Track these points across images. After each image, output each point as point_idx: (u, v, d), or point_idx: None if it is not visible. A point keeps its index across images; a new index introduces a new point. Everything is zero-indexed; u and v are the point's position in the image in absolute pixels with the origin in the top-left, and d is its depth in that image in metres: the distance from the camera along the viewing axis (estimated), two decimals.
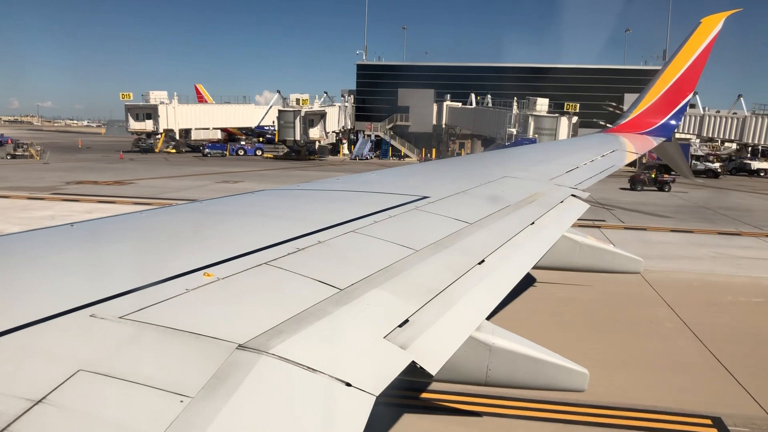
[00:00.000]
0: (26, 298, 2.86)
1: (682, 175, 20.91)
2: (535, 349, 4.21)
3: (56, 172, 52.98)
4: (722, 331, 15.09)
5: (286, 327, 2.82)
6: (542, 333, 14.05)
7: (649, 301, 17.49)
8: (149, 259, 3.60)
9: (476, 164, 12.77)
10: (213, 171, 57.03)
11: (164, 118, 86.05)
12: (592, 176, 10.39)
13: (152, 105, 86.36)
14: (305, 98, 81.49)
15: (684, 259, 23.16)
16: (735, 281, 20.17)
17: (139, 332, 2.57)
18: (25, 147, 71.96)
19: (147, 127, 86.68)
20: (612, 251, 8.56)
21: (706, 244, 26.06)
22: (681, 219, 32.45)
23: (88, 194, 37.79)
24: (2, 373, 2.19)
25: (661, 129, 17.22)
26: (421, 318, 3.43)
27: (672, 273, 20.63)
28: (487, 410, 10.49)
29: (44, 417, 1.96)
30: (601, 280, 17.58)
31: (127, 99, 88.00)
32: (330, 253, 4.08)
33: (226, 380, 2.31)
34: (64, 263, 3.50)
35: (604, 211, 33.00)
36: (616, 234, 27.14)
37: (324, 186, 7.17)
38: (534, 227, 6.20)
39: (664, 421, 10.35)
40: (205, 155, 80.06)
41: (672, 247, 25.32)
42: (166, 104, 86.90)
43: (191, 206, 5.59)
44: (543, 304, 16.36)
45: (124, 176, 49.96)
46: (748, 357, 13.29)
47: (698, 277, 20.54)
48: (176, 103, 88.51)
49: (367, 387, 2.56)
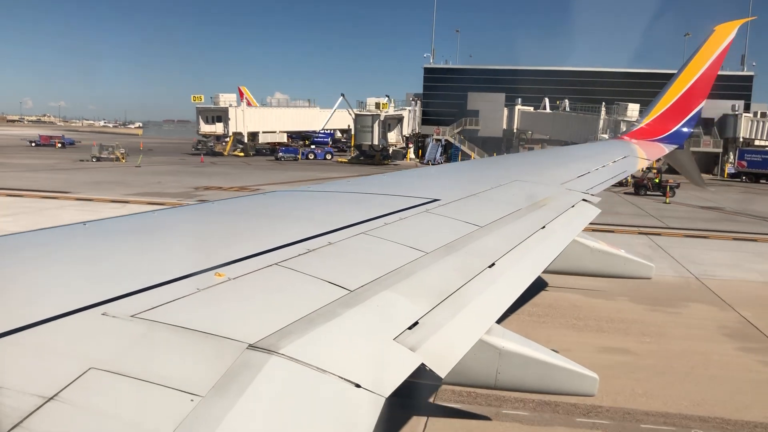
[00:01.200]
0: (39, 296, 2.88)
1: (694, 183, 20.70)
2: (545, 353, 4.19)
3: (164, 176, 52.21)
4: None
5: (296, 327, 2.83)
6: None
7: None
8: (161, 259, 3.61)
9: (488, 168, 12.75)
10: (310, 177, 54.41)
11: (234, 121, 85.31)
12: (604, 181, 10.34)
13: (223, 108, 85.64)
14: (384, 102, 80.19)
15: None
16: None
17: (151, 331, 2.58)
18: (111, 150, 70.39)
19: (217, 130, 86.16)
20: (624, 257, 8.51)
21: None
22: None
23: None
24: (15, 369, 2.21)
25: (673, 136, 17.12)
26: (431, 320, 3.42)
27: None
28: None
29: (56, 414, 1.98)
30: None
31: (198, 101, 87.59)
32: (340, 255, 4.08)
33: (236, 379, 2.32)
34: (76, 262, 3.53)
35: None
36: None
37: (335, 188, 7.17)
38: (545, 231, 6.18)
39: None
40: (278, 159, 79.26)
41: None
42: (235, 107, 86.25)
43: (203, 206, 5.62)
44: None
45: (239, 182, 48.55)
46: None
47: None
48: (244, 105, 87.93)
49: (377, 388, 2.56)
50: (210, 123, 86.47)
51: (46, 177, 49.21)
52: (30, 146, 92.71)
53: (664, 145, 16.96)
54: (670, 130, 17.19)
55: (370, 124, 78.65)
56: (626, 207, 40.34)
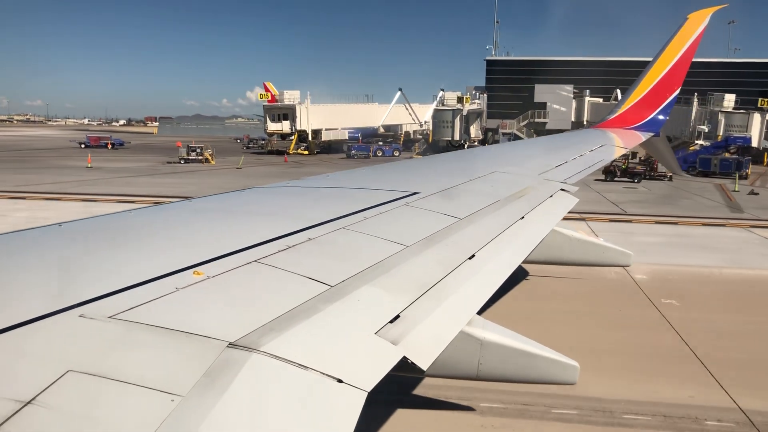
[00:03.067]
0: (14, 299, 2.84)
1: (671, 170, 20.99)
2: (526, 343, 4.22)
3: (277, 179, 49.01)
4: None
5: (277, 324, 2.82)
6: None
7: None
8: (138, 258, 3.58)
9: (466, 160, 12.79)
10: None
11: (300, 119, 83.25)
12: (581, 170, 10.43)
13: (290, 105, 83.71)
14: (467, 96, 78.06)
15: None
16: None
17: (129, 332, 2.55)
18: (199, 150, 65.41)
19: (284, 128, 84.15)
20: (602, 245, 8.60)
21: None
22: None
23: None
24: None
25: (649, 124, 17.30)
26: (413, 313, 3.43)
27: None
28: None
29: (34, 418, 1.95)
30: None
31: (264, 99, 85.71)
32: (320, 250, 4.07)
33: (217, 378, 2.31)
34: (52, 263, 3.48)
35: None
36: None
37: (314, 183, 7.15)
38: (524, 222, 6.22)
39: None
40: (350, 156, 76.25)
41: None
42: (301, 105, 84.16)
43: (181, 204, 5.57)
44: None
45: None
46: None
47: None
48: (308, 103, 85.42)
49: (359, 383, 2.56)
50: (276, 121, 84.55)
51: (163, 182, 45.49)
52: (80, 148, 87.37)
53: (641, 133, 17.14)
54: (646, 118, 17.37)
55: (451, 119, 77.02)
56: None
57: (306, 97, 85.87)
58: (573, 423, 10.17)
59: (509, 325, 4.21)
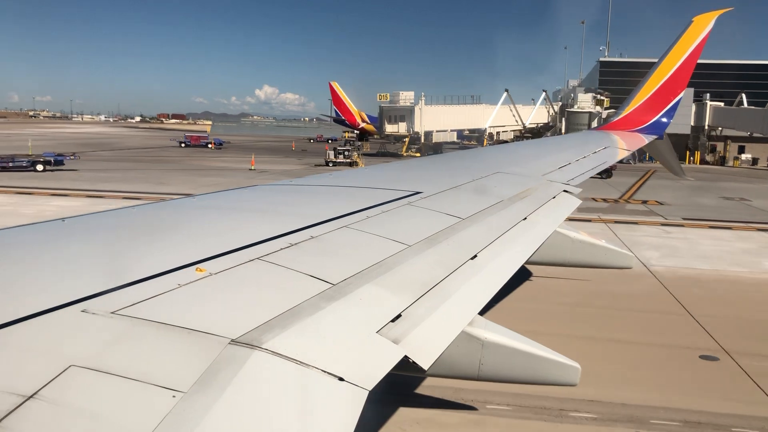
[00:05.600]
0: (17, 294, 2.85)
1: (673, 173, 20.91)
2: (528, 343, 4.21)
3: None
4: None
5: (278, 322, 2.82)
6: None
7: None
8: (141, 254, 3.58)
9: (469, 160, 12.78)
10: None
11: (416, 120, 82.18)
12: (584, 172, 10.42)
13: (408, 107, 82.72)
14: (606, 99, 75.67)
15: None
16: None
17: (131, 328, 2.56)
18: (347, 153, 62.90)
19: (400, 130, 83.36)
20: (604, 247, 8.58)
21: None
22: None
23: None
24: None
25: (652, 127, 17.26)
26: (414, 313, 3.43)
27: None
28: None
29: (36, 412, 1.95)
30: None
31: (383, 100, 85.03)
32: (323, 248, 4.08)
33: (218, 375, 2.31)
34: (55, 259, 3.48)
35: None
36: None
37: (317, 181, 7.16)
38: (526, 222, 6.21)
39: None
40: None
41: None
42: (416, 106, 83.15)
43: (184, 201, 5.57)
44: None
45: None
46: None
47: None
48: (422, 104, 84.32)
49: (360, 381, 2.56)
50: (392, 122, 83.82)
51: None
52: (181, 147, 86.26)
53: (644, 136, 17.09)
54: (650, 121, 17.32)
55: (587, 122, 75.24)
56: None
57: (420, 98, 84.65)
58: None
59: (511, 326, 4.20)
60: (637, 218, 32.71)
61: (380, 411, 9.63)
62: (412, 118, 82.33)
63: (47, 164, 45.75)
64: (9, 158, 45.87)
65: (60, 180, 42.11)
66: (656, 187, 48.80)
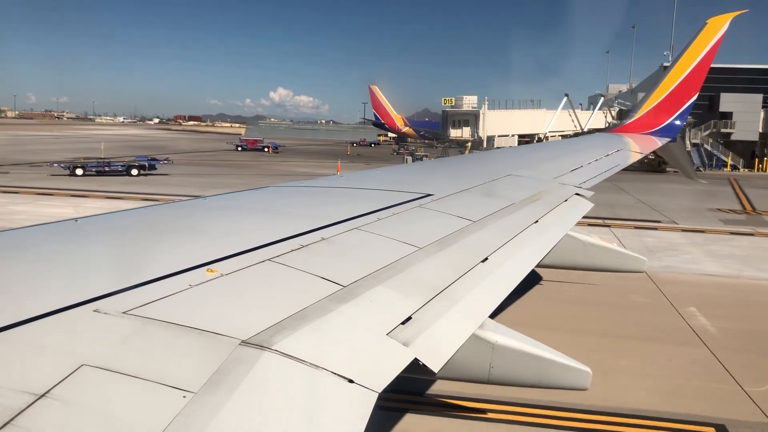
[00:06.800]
0: (30, 293, 2.87)
1: (686, 176, 20.77)
2: (538, 347, 4.19)
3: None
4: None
5: (289, 323, 2.82)
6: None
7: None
8: (153, 255, 3.60)
9: (481, 162, 12.75)
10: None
11: (481, 125, 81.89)
12: (597, 175, 10.36)
13: (472, 111, 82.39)
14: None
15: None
16: None
17: (143, 327, 2.57)
18: (421, 158, 60.80)
19: (463, 134, 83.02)
20: (616, 250, 8.51)
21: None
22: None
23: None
24: (6, 367, 2.20)
25: (666, 129, 17.16)
26: (424, 315, 3.42)
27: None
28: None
29: (47, 411, 1.97)
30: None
31: (448, 105, 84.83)
32: (333, 250, 4.08)
33: (228, 376, 2.31)
34: (68, 258, 3.51)
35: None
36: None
37: (328, 183, 7.16)
38: (538, 226, 6.19)
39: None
40: None
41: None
42: (479, 110, 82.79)
43: (195, 203, 5.60)
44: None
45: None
46: None
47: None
48: (486, 108, 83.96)
49: (370, 384, 2.56)
50: (456, 127, 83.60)
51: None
52: (238, 151, 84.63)
53: (657, 138, 17.00)
54: (663, 123, 17.22)
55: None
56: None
57: (483, 103, 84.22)
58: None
59: (522, 330, 4.18)
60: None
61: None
62: (476, 122, 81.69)
63: (141, 168, 46.15)
64: (106, 163, 46.35)
65: (165, 186, 40.42)
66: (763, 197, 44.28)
